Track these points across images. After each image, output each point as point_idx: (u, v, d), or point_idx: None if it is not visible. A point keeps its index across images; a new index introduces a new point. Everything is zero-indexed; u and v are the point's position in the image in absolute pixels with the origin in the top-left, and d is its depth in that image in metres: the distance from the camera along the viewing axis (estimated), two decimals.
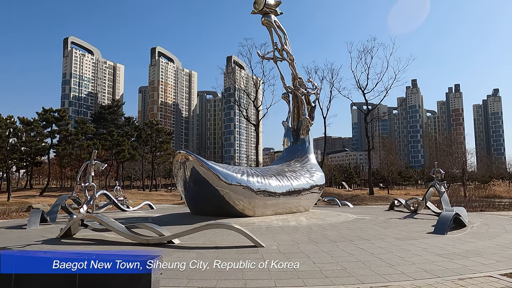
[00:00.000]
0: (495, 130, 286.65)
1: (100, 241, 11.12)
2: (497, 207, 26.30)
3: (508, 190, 48.73)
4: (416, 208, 21.02)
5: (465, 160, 60.37)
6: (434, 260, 8.38)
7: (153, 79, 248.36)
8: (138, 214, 22.36)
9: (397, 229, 13.94)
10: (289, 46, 22.59)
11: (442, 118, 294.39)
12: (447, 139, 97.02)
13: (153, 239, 10.49)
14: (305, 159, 22.33)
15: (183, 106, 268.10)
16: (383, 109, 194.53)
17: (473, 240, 11.34)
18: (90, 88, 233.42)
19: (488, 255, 8.99)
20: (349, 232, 13.22)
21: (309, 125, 23.24)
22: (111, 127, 67.12)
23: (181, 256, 8.77)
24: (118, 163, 68.72)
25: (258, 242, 10.03)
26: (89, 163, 15.59)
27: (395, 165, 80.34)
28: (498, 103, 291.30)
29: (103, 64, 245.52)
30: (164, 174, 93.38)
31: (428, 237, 11.79)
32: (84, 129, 58.65)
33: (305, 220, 16.90)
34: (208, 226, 10.65)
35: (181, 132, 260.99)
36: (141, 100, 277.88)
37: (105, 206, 24.74)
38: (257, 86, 63.24)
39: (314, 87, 25.46)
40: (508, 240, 11.31)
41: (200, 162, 16.22)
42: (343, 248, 9.80)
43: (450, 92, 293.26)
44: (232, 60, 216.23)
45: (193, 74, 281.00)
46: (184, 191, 17.93)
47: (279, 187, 18.05)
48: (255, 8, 20.16)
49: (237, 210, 16.89)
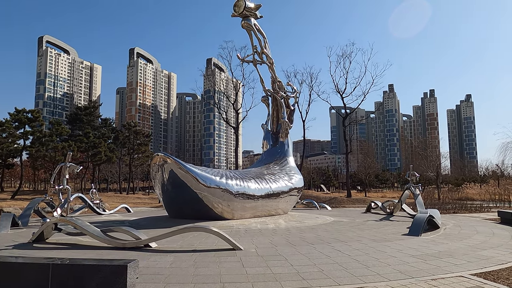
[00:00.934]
0: (467, 134, 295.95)
1: (74, 246, 10.85)
2: (469, 209, 27.13)
3: (480, 193, 50.32)
4: (392, 210, 21.43)
5: (439, 164, 61.96)
6: (409, 261, 8.56)
7: (132, 80, 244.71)
8: (115, 217, 21.94)
9: (373, 231, 14.18)
10: (269, 50, 22.73)
11: (417, 122, 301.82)
12: (422, 143, 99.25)
13: (129, 243, 10.32)
14: (284, 162, 22.47)
15: (162, 108, 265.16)
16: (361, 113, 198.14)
17: (445, 241, 11.65)
18: (66, 88, 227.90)
19: (459, 255, 9.26)
20: (327, 234, 13.36)
21: (288, 128, 23.42)
22: (87, 128, 65.59)
23: (158, 260, 8.66)
24: (94, 165, 67.28)
25: (237, 245, 10.01)
26: (64, 166, 15.20)
27: (372, 168, 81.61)
28: (470, 108, 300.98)
29: (80, 64, 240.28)
30: (142, 177, 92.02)
31: (403, 239, 12.04)
32: (58, 130, 57.05)
33: (283, 222, 16.98)
34: (186, 229, 10.56)
35: (160, 134, 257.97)
36: (119, 102, 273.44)
37: (80, 209, 24.15)
38: (237, 89, 63.23)
39: (293, 90, 25.68)
40: (479, 241, 11.67)
41: (178, 165, 16.08)
42: (320, 250, 9.89)
43: (425, 97, 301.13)
44: (212, 62, 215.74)
45: (173, 76, 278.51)
46: (162, 194, 17.74)
47: (258, 190, 18.09)
48: (235, 11, 20.21)
49: (215, 213, 16.82)
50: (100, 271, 5.93)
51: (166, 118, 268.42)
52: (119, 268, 5.92)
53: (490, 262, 8.48)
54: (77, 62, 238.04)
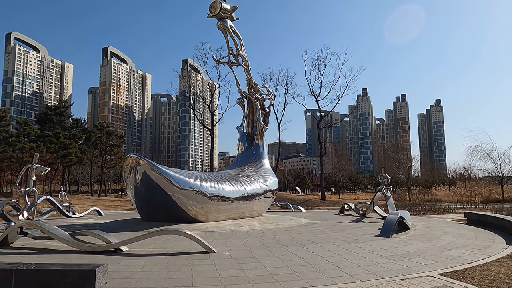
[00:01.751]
0: (437, 138, 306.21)
1: (41, 250, 10.44)
2: (438, 210, 28.00)
3: (448, 195, 52.09)
4: (365, 212, 21.84)
5: (410, 166, 63.82)
6: (379, 262, 8.72)
7: (105, 80, 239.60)
8: (85, 220, 21.31)
9: (346, 233, 14.39)
10: (245, 52, 22.72)
11: (389, 126, 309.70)
12: (394, 146, 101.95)
13: (99, 246, 10.03)
14: (259, 164, 22.50)
15: (136, 109, 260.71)
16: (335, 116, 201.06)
17: (415, 242, 11.95)
18: (35, 87, 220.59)
19: (428, 256, 9.51)
20: (301, 236, 13.44)
21: (264, 130, 23.47)
22: (57, 129, 63.58)
23: (129, 264, 8.46)
24: (64, 167, 65.29)
25: (210, 248, 9.92)
26: (30, 167, 14.63)
27: (346, 171, 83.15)
28: (440, 113, 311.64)
29: (50, 62, 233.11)
30: (114, 179, 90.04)
31: (374, 240, 12.27)
32: (26, 130, 55.10)
33: (258, 225, 16.98)
34: (158, 232, 10.37)
35: (134, 135, 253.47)
36: (91, 102, 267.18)
37: (48, 212, 23.33)
38: (213, 91, 62.94)
39: (269, 93, 25.78)
40: (447, 242, 12.04)
41: (152, 167, 15.80)
42: (294, 252, 9.93)
43: (397, 102, 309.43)
44: (188, 63, 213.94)
45: (147, 76, 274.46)
46: (135, 196, 17.36)
47: (232, 192, 18.01)
48: (211, 12, 20.11)
49: (189, 216, 16.63)
50: (67, 276, 5.73)
51: (140, 119, 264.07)
52: (87, 272, 5.73)
53: (456, 262, 8.75)
54: (47, 60, 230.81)
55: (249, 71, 23.28)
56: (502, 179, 45.49)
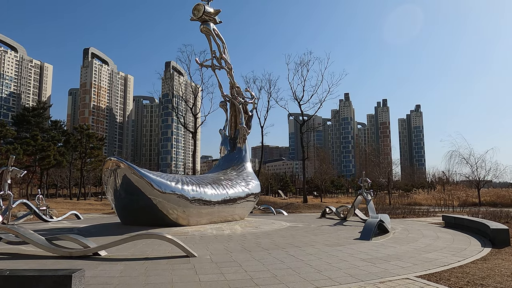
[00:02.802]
0: (417, 142, 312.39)
1: (16, 255, 10.15)
2: (417, 214, 28.51)
3: (427, 198, 53.18)
4: (346, 215, 22.06)
5: (390, 170, 64.86)
6: (359, 265, 8.82)
7: (85, 81, 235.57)
8: (63, 224, 20.84)
9: (327, 236, 14.51)
10: (228, 55, 22.74)
11: (371, 130, 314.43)
12: (375, 150, 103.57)
13: (76, 251, 9.82)
14: (241, 167, 22.48)
15: (117, 111, 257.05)
16: (318, 120, 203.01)
17: (394, 245, 12.13)
18: (13, 88, 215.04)
19: (406, 258, 9.67)
20: (282, 239, 13.48)
21: (246, 134, 23.50)
22: (35, 130, 62.07)
23: (107, 269, 8.31)
24: (42, 169, 63.72)
25: (190, 252, 9.84)
26: (6, 170, 14.22)
27: (328, 174, 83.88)
28: (419, 118, 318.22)
29: (29, 62, 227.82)
30: (94, 182, 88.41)
31: (354, 243, 12.40)
32: (3, 132, 53.55)
33: (239, 228, 16.94)
34: (138, 237, 10.24)
35: (115, 138, 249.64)
36: (71, 103, 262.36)
37: (24, 216, 22.73)
38: (196, 93, 62.66)
39: (252, 96, 25.82)
40: (425, 244, 12.27)
41: (132, 170, 15.60)
42: (275, 256, 9.95)
43: (378, 107, 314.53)
44: (171, 65, 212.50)
45: (129, 78, 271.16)
46: (115, 200, 17.09)
47: (214, 196, 17.93)
48: (194, 15, 20.08)
49: (170, 220, 16.46)
50: (41, 282, 5.57)
51: (122, 122, 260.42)
52: (62, 278, 5.59)
53: (433, 264, 8.93)
54: (25, 60, 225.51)
55: (232, 75, 23.29)
56: (478, 183, 46.73)
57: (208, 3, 20.39)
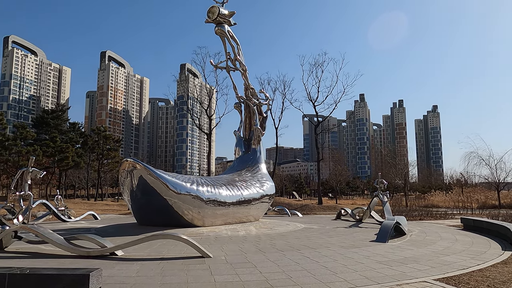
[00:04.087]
0: (434, 143, 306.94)
1: (35, 254, 10.39)
2: (434, 216, 28.01)
3: (445, 200, 52.17)
4: (361, 217, 21.82)
5: (407, 172, 63.86)
6: (375, 267, 8.71)
7: (102, 84, 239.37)
8: (81, 225, 21.23)
9: (342, 238, 14.38)
10: (242, 57, 22.80)
11: (387, 132, 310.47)
12: (391, 151, 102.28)
13: (94, 251, 9.98)
14: (256, 168, 22.50)
15: (133, 113, 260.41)
16: (333, 121, 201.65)
17: (411, 247, 11.95)
18: (33, 91, 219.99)
19: (424, 261, 9.51)
20: (297, 241, 13.42)
21: (261, 135, 23.50)
22: (54, 132, 63.40)
23: (124, 269, 8.42)
24: (60, 171, 65.03)
25: (205, 253, 9.88)
26: (26, 171, 14.56)
27: (343, 176, 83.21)
28: (437, 119, 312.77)
29: (48, 66, 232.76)
30: (111, 183, 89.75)
31: (370, 245, 12.26)
32: (23, 134, 54.87)
33: (254, 229, 16.95)
34: (154, 237, 10.34)
35: (131, 139, 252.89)
36: (89, 106, 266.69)
37: (44, 216, 23.23)
38: (210, 95, 63.00)
39: (266, 97, 25.84)
40: (443, 247, 12.04)
41: (148, 171, 15.78)
42: (290, 257, 9.91)
43: (394, 107, 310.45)
44: (186, 67, 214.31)
45: (145, 81, 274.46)
46: (131, 200, 17.32)
47: (229, 197, 17.99)
48: (209, 17, 20.20)
49: (186, 220, 16.58)
50: (60, 280, 5.68)
51: (138, 123, 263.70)
52: (80, 277, 5.69)
53: (452, 268, 8.76)
54: (45, 64, 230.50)
55: (247, 76, 23.35)
56: (498, 185, 45.61)
57: (223, 5, 20.49)
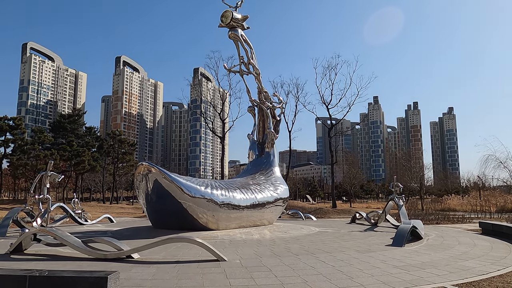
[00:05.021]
0: (450, 146, 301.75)
1: (54, 257, 10.57)
2: (452, 220, 27.51)
3: (462, 204, 51.16)
4: (376, 221, 21.59)
5: (422, 175, 62.94)
6: (392, 272, 8.60)
7: (117, 88, 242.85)
8: (97, 227, 21.51)
9: (358, 242, 14.24)
10: (255, 60, 22.88)
11: (401, 134, 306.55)
12: (406, 154, 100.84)
13: (111, 254, 10.10)
14: (269, 172, 22.48)
15: (148, 117, 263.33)
16: (346, 124, 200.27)
17: (428, 252, 11.76)
18: (50, 96, 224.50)
19: (442, 266, 9.35)
20: (312, 245, 13.34)
21: (274, 138, 23.49)
22: (71, 137, 64.57)
23: (140, 272, 8.50)
24: (77, 174, 66.08)
25: (220, 256, 9.91)
26: (44, 174, 14.86)
27: (357, 179, 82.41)
28: (453, 121, 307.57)
29: (64, 71, 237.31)
30: (126, 186, 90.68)
31: (386, 250, 12.11)
32: (41, 138, 56.02)
33: (268, 233, 16.92)
34: (169, 240, 10.40)
35: (145, 143, 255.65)
36: (104, 110, 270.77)
37: (61, 219, 23.61)
38: (224, 99, 63.26)
39: (280, 101, 25.82)
40: (461, 252, 11.82)
41: (163, 174, 15.92)
42: (305, 261, 9.86)
43: (409, 109, 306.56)
44: (199, 72, 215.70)
45: (159, 85, 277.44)
46: (146, 204, 17.49)
47: (243, 200, 18.01)
48: (222, 21, 20.35)
49: (200, 224, 16.66)
50: (79, 283, 5.78)
51: (152, 127, 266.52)
52: (99, 280, 5.77)
53: (471, 273, 8.58)
54: (61, 69, 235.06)
55: (260, 80, 23.41)
56: None
57: (236, 10, 20.62)
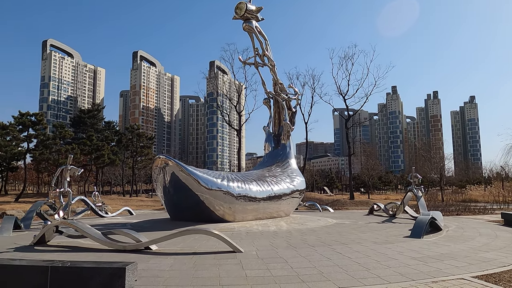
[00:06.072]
0: (471, 136, 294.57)
1: (75, 248, 10.87)
2: (473, 211, 26.95)
3: (484, 195, 50.01)
4: (395, 212, 21.34)
5: (442, 165, 61.76)
6: (409, 263, 8.51)
7: (135, 83, 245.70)
8: (117, 220, 21.96)
9: (375, 233, 14.12)
10: (270, 52, 22.74)
11: (421, 124, 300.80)
12: (426, 144, 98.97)
13: (129, 245, 10.31)
14: (286, 164, 22.44)
15: (165, 111, 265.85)
16: (364, 115, 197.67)
17: (448, 243, 11.57)
18: (70, 91, 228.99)
19: (461, 258, 9.19)
20: (328, 236, 13.31)
21: (290, 130, 23.40)
22: (91, 131, 65.90)
23: (158, 263, 8.66)
24: (97, 168, 67.46)
25: (237, 248, 9.99)
26: (65, 168, 15.24)
27: (375, 170, 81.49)
28: (474, 110, 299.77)
29: (83, 67, 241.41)
30: (145, 179, 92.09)
31: (404, 241, 11.97)
32: (62, 133, 57.27)
33: (285, 225, 16.94)
34: (186, 232, 10.55)
35: (163, 137, 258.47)
36: (123, 105, 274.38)
37: (82, 212, 24.23)
38: (239, 91, 63.27)
39: (295, 92, 25.67)
40: (481, 243, 11.59)
41: (180, 167, 16.09)
42: (321, 253, 9.85)
43: (428, 99, 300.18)
44: (215, 65, 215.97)
45: (176, 79, 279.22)
46: (164, 196, 17.76)
47: (259, 192, 18.06)
48: (236, 13, 20.25)
49: (217, 216, 16.82)
50: (98, 273, 5.94)
51: (170, 121, 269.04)
52: (117, 270, 5.91)
53: (492, 265, 8.41)
54: (81, 65, 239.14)
55: (275, 71, 23.28)
56: None
57: (250, 1, 20.48)
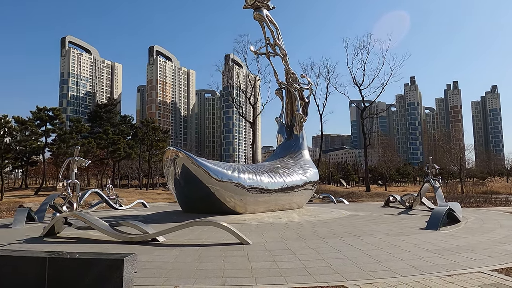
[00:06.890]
0: (493, 126, 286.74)
1: (83, 240, 10.83)
2: (494, 203, 26.09)
3: (506, 186, 48.60)
4: (411, 204, 20.76)
5: (462, 157, 60.16)
6: (424, 256, 8.10)
7: (151, 78, 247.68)
8: (130, 212, 22.08)
9: (390, 225, 13.68)
10: (282, 41, 22.28)
11: (440, 115, 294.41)
12: (446, 136, 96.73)
13: (136, 237, 10.21)
14: (298, 155, 22.04)
15: (181, 105, 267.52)
16: (381, 106, 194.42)
17: (466, 235, 11.07)
18: (88, 87, 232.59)
19: (480, 250, 8.73)
20: (341, 228, 12.95)
21: (303, 121, 22.94)
22: (107, 125, 66.66)
23: (163, 254, 8.49)
24: (114, 162, 68.35)
25: (244, 239, 9.75)
26: (72, 160, 15.26)
27: (393, 162, 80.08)
28: (496, 100, 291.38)
29: (101, 63, 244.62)
30: (161, 173, 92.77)
31: (420, 233, 11.52)
32: (78, 127, 58.17)
33: (297, 217, 16.63)
34: (192, 224, 10.37)
35: (180, 131, 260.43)
36: (140, 99, 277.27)
37: (97, 204, 24.47)
38: (253, 84, 62.86)
39: (308, 82, 25.13)
40: (502, 235, 11.05)
41: (190, 159, 15.92)
42: (331, 245, 9.52)
43: (448, 89, 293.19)
44: (230, 58, 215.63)
45: (192, 73, 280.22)
46: (175, 188, 17.66)
47: (271, 184, 17.75)
48: (246, 2, 19.89)
49: (228, 207, 16.61)
50: (96, 265, 5.78)
51: (186, 115, 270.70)
52: (115, 262, 5.73)
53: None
54: (98, 61, 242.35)
55: (287, 61, 22.82)
56: None
57: None
